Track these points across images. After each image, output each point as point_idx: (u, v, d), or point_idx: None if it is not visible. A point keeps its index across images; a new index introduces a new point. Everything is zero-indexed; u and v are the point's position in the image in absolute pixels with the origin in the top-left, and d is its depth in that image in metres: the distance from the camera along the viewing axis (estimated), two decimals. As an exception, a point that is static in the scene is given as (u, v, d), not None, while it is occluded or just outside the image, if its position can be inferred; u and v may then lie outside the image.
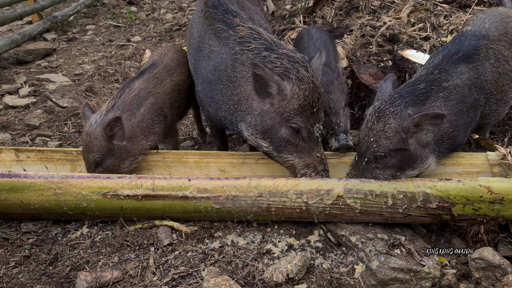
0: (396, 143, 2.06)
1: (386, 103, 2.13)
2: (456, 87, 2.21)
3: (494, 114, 2.48)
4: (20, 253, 2.14)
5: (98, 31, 7.51)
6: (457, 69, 2.24)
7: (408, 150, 2.08)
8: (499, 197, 1.99)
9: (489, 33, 2.42)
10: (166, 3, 9.31)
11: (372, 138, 2.11)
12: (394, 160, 2.10)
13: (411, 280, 1.87)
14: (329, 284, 1.91)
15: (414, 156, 2.10)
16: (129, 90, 2.56)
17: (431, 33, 4.35)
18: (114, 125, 2.31)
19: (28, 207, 2.21)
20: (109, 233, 2.25)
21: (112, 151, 2.36)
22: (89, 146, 2.33)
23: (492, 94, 2.38)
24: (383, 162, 2.11)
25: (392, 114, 2.08)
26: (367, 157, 2.14)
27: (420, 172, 2.18)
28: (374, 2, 5.33)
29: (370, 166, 2.15)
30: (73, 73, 5.32)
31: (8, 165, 2.65)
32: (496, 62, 2.37)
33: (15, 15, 6.43)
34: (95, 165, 2.36)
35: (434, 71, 2.23)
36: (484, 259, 1.89)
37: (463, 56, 2.28)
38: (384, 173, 2.13)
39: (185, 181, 2.17)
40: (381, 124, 2.09)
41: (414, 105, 2.11)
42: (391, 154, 2.09)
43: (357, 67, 3.51)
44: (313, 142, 2.19)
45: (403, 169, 2.13)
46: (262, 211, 2.15)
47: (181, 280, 1.92)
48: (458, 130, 2.22)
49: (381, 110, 2.12)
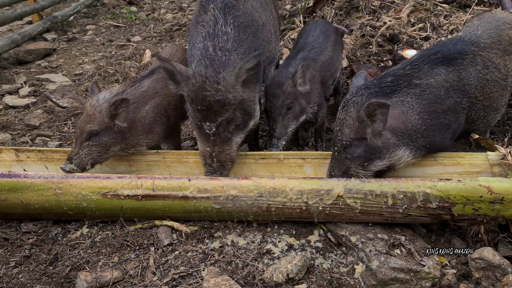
0: (355, 132, 2.12)
1: (352, 94, 2.20)
2: (430, 87, 2.21)
3: (482, 121, 2.47)
4: (20, 253, 2.14)
5: (98, 31, 7.51)
6: (434, 70, 2.24)
7: (366, 139, 2.12)
8: (499, 197, 1.99)
9: (479, 40, 2.42)
10: (166, 3, 9.31)
11: (338, 127, 2.18)
12: (359, 150, 2.15)
13: (411, 280, 1.87)
14: (329, 284, 1.91)
15: (377, 146, 2.13)
16: (139, 85, 2.62)
17: (431, 33, 4.35)
18: (120, 105, 2.36)
19: (28, 207, 2.21)
20: (109, 233, 2.25)
21: (110, 130, 2.40)
22: (90, 116, 2.37)
23: (477, 100, 2.37)
24: (350, 152, 2.17)
25: (354, 103, 2.14)
26: (337, 146, 2.19)
27: (391, 163, 2.18)
28: (374, 2, 5.33)
29: (341, 156, 2.19)
30: (73, 73, 5.32)
31: (8, 165, 2.65)
32: (484, 69, 2.36)
33: (15, 15, 6.43)
34: (88, 136, 2.37)
35: (406, 67, 2.26)
36: (484, 259, 1.89)
37: (442, 57, 2.28)
38: (354, 163, 2.17)
39: (185, 181, 2.17)
40: (343, 113, 2.16)
41: (378, 96, 2.13)
42: (355, 143, 2.15)
43: (357, 67, 3.51)
44: (204, 136, 2.27)
45: (370, 159, 2.16)
46: (262, 211, 2.15)
47: (181, 280, 1.92)
48: (432, 130, 2.23)
49: (346, 100, 2.20)
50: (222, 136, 2.26)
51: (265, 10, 2.83)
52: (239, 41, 2.39)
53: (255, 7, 2.69)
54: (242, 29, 2.44)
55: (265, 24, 2.71)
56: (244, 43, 2.42)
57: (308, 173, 2.51)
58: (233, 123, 2.27)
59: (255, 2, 2.72)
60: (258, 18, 2.66)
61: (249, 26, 2.50)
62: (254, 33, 2.55)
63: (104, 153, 2.43)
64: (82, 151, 2.38)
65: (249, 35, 2.50)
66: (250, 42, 2.45)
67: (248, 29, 2.49)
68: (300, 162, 2.51)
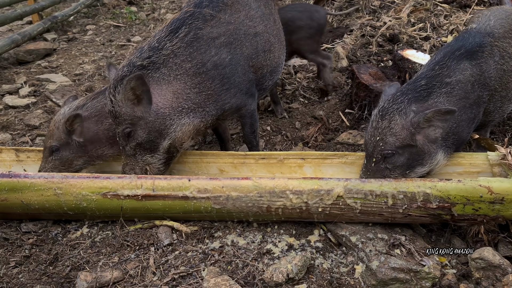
0: (402, 139, 2.07)
1: (389, 102, 2.15)
2: (459, 83, 2.22)
3: (498, 111, 2.49)
4: (20, 253, 2.14)
5: (98, 31, 7.51)
6: (460, 65, 2.24)
7: (415, 146, 2.08)
8: (499, 197, 1.99)
9: (494, 30, 2.43)
10: (166, 3, 9.31)
11: (378, 137, 2.11)
12: (402, 158, 2.11)
13: (411, 280, 1.87)
14: (329, 284, 1.91)
15: (422, 152, 2.10)
16: (103, 97, 2.57)
17: (431, 33, 4.35)
18: (74, 121, 2.40)
19: (28, 207, 2.21)
20: (109, 233, 2.25)
21: (69, 146, 2.45)
22: (51, 132, 2.46)
23: (496, 91, 2.38)
24: (392, 161, 2.12)
25: (397, 111, 2.09)
26: (375, 157, 2.14)
27: (430, 169, 2.18)
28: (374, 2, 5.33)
29: (379, 167, 2.15)
30: (73, 73, 5.32)
31: (8, 165, 2.65)
32: (501, 60, 2.37)
33: (15, 15, 6.42)
34: (50, 152, 2.45)
35: (435, 67, 2.25)
36: (484, 259, 1.89)
37: (465, 52, 2.28)
38: (394, 172, 2.14)
39: (185, 181, 2.17)
40: (386, 122, 2.10)
41: (416, 101, 2.12)
42: (399, 152, 2.10)
43: (357, 67, 3.51)
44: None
45: (412, 167, 2.13)
46: (262, 212, 2.15)
47: (181, 280, 1.92)
48: (461, 126, 2.23)
49: (384, 108, 2.14)
50: (126, 148, 2.31)
51: (266, 20, 2.79)
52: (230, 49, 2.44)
53: (252, 17, 2.65)
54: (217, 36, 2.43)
55: (259, 33, 2.67)
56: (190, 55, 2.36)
57: (308, 173, 2.51)
58: (133, 140, 2.27)
59: (254, 12, 2.69)
60: (249, 27, 2.61)
61: (217, 38, 2.44)
62: (231, 42, 2.49)
63: (68, 167, 2.48)
64: (48, 166, 2.46)
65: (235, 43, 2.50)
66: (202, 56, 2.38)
67: (213, 41, 2.43)
68: (300, 162, 2.51)
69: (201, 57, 2.35)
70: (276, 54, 2.87)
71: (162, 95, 2.27)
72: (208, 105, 2.40)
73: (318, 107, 3.86)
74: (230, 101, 2.49)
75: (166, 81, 2.29)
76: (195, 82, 2.34)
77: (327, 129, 3.45)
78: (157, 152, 2.32)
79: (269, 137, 3.40)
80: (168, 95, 2.29)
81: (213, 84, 2.39)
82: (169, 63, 2.29)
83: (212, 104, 2.42)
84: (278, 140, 3.35)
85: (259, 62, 2.68)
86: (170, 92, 2.29)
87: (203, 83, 2.36)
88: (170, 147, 2.34)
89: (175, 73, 2.30)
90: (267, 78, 2.82)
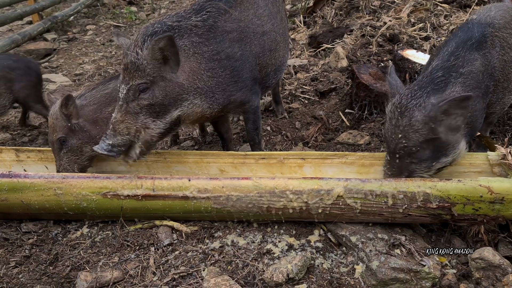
0: (426, 135, 2.05)
1: (407, 97, 2.12)
2: (472, 73, 2.22)
3: (499, 103, 2.49)
4: (20, 253, 2.14)
5: (98, 31, 7.51)
6: (471, 56, 2.25)
7: (439, 138, 2.07)
8: (499, 197, 1.99)
9: (494, 21, 2.44)
10: (166, 3, 9.31)
11: (400, 134, 2.09)
12: (427, 152, 2.09)
13: (411, 280, 1.87)
14: (329, 284, 1.91)
15: (446, 143, 2.10)
16: (103, 87, 2.62)
17: (431, 33, 4.35)
18: (68, 103, 2.38)
19: (29, 207, 2.21)
20: (109, 233, 2.25)
21: (73, 131, 2.44)
22: (52, 127, 2.45)
23: (499, 82, 2.39)
24: (417, 156, 2.10)
25: (416, 107, 2.07)
26: (398, 153, 2.12)
27: (453, 158, 2.16)
28: (374, 2, 5.33)
29: (404, 162, 2.13)
30: (73, 73, 5.32)
31: (8, 165, 2.65)
32: (501, 50, 2.38)
33: (15, 15, 6.43)
34: (59, 145, 2.44)
35: (450, 58, 2.24)
36: (484, 259, 1.89)
37: (476, 42, 2.29)
38: (420, 166, 2.13)
39: (185, 181, 2.17)
40: (406, 119, 2.07)
41: (435, 93, 2.10)
42: (423, 146, 2.08)
43: (357, 67, 3.51)
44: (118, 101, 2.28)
45: (437, 159, 2.12)
46: (262, 212, 2.15)
47: (181, 280, 1.92)
48: (476, 116, 2.25)
49: (403, 105, 2.11)
50: (131, 105, 2.18)
51: (273, 18, 2.81)
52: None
53: (260, 16, 2.68)
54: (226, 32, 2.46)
55: (266, 32, 2.69)
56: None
57: (308, 173, 2.51)
58: (146, 98, 2.18)
59: (262, 10, 2.71)
60: (258, 26, 2.65)
61: (231, 32, 2.49)
62: (242, 39, 2.53)
63: (80, 156, 2.48)
64: (63, 161, 2.45)
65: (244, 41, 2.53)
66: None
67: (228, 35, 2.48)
68: (300, 162, 2.51)
69: (216, 45, 2.40)
70: (281, 53, 2.89)
71: (182, 66, 2.27)
72: (217, 92, 2.43)
73: (318, 107, 3.86)
74: (236, 94, 2.52)
75: (186, 54, 2.31)
76: (209, 66, 2.38)
77: (327, 129, 3.45)
78: (163, 119, 2.25)
79: (269, 137, 3.40)
80: (186, 68, 2.30)
81: (224, 73, 2.43)
82: (191, 37, 2.33)
83: (220, 92, 2.45)
84: (278, 140, 3.35)
85: (264, 61, 2.71)
86: (188, 67, 2.31)
87: (215, 69, 2.40)
88: (177, 119, 2.31)
89: (193, 50, 2.33)
90: (271, 77, 2.85)
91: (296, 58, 4.96)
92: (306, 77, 4.42)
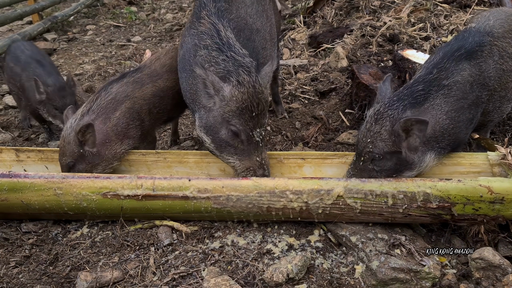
0: (390, 146, 2.09)
1: (386, 106, 2.15)
2: (457, 84, 2.21)
3: (497, 111, 2.49)
4: (20, 253, 2.14)
5: (98, 31, 7.51)
6: (459, 66, 2.24)
7: (401, 153, 2.10)
8: (499, 197, 1.99)
9: (493, 30, 2.43)
10: (166, 3, 9.31)
11: (369, 139, 2.14)
12: (389, 163, 2.14)
13: (411, 280, 1.87)
14: (329, 284, 1.91)
15: (410, 160, 2.12)
16: (105, 93, 2.56)
17: (431, 33, 4.35)
18: (86, 131, 2.32)
19: (29, 207, 2.21)
20: (109, 233, 2.25)
21: (84, 157, 2.39)
22: (62, 149, 2.39)
23: (495, 91, 2.38)
24: (379, 164, 2.15)
25: (389, 117, 2.11)
26: (363, 157, 2.17)
27: (419, 172, 2.19)
28: (374, 2, 5.33)
29: (367, 166, 2.17)
30: (73, 73, 5.31)
31: (8, 165, 2.65)
32: (500, 59, 2.37)
33: (15, 15, 6.43)
34: (67, 169, 2.40)
35: (433, 71, 2.24)
36: (484, 259, 1.89)
37: (465, 53, 2.28)
38: (380, 174, 2.16)
39: (185, 181, 2.17)
40: (378, 127, 2.12)
41: (412, 107, 2.13)
42: (387, 157, 2.13)
43: (357, 67, 3.51)
44: (253, 146, 2.23)
45: (400, 171, 2.16)
46: (262, 212, 2.15)
47: (181, 280, 1.92)
48: (459, 127, 2.23)
49: (379, 112, 2.15)
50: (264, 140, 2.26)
51: (261, 17, 2.81)
52: (243, 45, 2.43)
53: (249, 13, 2.68)
54: (236, 33, 2.46)
55: (259, 30, 2.69)
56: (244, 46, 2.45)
57: (308, 173, 2.51)
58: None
59: (249, 9, 2.71)
60: (252, 23, 2.65)
61: (242, 30, 2.51)
62: (248, 37, 2.55)
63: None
64: None
65: (243, 39, 2.52)
66: (244, 46, 2.45)
67: (241, 33, 2.50)
68: (300, 162, 2.51)
69: None
70: (268, 52, 2.88)
71: None
72: None
73: (318, 107, 3.86)
74: None
75: None
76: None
77: (327, 129, 3.45)
78: None
79: (269, 137, 3.40)
80: None
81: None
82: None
83: None
84: (278, 140, 3.35)
85: (257, 60, 2.69)
86: None
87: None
88: None
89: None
90: None
91: (296, 58, 4.96)
92: (306, 77, 4.42)
